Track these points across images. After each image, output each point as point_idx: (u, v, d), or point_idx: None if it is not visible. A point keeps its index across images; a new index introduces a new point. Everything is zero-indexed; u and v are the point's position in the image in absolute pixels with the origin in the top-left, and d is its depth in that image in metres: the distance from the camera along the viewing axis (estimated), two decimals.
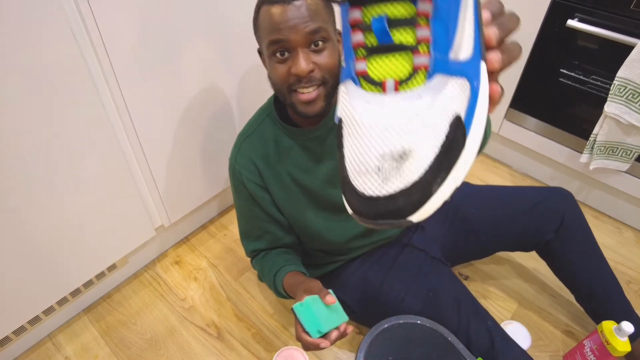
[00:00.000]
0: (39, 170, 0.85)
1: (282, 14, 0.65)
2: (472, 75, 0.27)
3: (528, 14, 1.29)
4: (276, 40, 0.67)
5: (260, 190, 0.86)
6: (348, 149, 0.27)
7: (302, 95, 0.70)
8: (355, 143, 0.27)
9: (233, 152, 0.87)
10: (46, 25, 0.75)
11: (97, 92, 0.88)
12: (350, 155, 0.27)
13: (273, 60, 0.70)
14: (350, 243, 0.94)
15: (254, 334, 1.11)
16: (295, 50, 0.67)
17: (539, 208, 0.97)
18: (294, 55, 0.67)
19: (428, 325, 0.87)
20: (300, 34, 0.65)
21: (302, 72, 0.67)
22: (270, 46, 0.68)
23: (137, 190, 1.07)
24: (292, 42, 0.66)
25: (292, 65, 0.68)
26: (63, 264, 1.01)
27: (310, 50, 0.68)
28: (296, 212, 0.89)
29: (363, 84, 0.28)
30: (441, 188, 0.25)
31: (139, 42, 0.90)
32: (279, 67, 0.70)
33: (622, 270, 1.25)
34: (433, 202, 0.25)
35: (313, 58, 0.68)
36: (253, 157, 0.84)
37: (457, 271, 1.24)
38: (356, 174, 0.26)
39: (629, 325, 0.86)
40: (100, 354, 1.07)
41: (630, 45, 1.10)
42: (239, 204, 0.92)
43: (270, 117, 0.83)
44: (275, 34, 0.66)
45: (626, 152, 1.23)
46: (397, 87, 0.26)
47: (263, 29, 0.69)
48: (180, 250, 1.34)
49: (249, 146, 0.85)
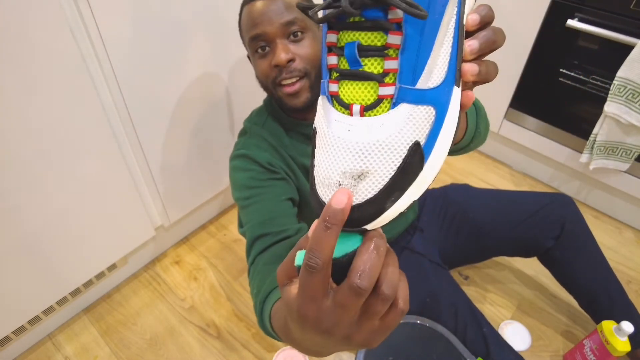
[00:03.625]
0: (38, 170, 0.85)
1: (259, 9, 0.68)
2: (439, 102, 0.28)
3: (528, 13, 1.29)
4: (255, 36, 0.69)
5: (276, 159, 0.79)
6: (317, 160, 0.30)
7: (286, 88, 0.71)
8: (323, 157, 0.29)
9: (237, 145, 0.83)
10: (45, 25, 0.75)
11: (96, 92, 0.88)
12: (318, 167, 0.30)
13: (256, 57, 0.72)
14: None
15: (254, 334, 1.11)
16: (274, 42, 0.69)
17: (539, 214, 0.97)
18: (273, 47, 0.69)
19: (428, 325, 0.87)
20: (276, 25, 0.67)
21: (281, 62, 0.68)
22: (251, 42, 0.70)
23: (136, 190, 1.07)
24: (269, 34, 0.68)
25: (272, 58, 0.69)
26: (63, 264, 1.01)
27: (289, 41, 0.69)
28: (304, 200, 0.85)
29: (335, 103, 0.29)
30: (395, 205, 0.28)
31: (138, 41, 0.90)
32: (261, 63, 0.71)
33: (622, 270, 1.25)
34: (386, 215, 0.28)
35: (292, 49, 0.69)
36: (266, 138, 0.81)
37: (458, 271, 1.24)
38: (320, 184, 0.29)
39: (629, 325, 0.87)
40: (100, 354, 1.07)
41: (630, 45, 1.10)
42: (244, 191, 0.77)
43: (272, 115, 0.83)
44: (254, 29, 0.69)
45: (626, 151, 1.23)
46: (363, 113, 0.28)
47: (244, 28, 0.72)
48: (180, 250, 1.34)
49: (258, 134, 0.82)
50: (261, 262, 0.66)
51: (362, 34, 0.27)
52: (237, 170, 0.79)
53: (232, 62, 1.14)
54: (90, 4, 0.79)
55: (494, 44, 0.31)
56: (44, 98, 0.80)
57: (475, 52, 0.31)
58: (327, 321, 0.28)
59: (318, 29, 0.75)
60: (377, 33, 0.27)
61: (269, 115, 0.84)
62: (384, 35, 0.27)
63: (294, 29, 0.68)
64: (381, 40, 0.27)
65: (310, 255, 0.26)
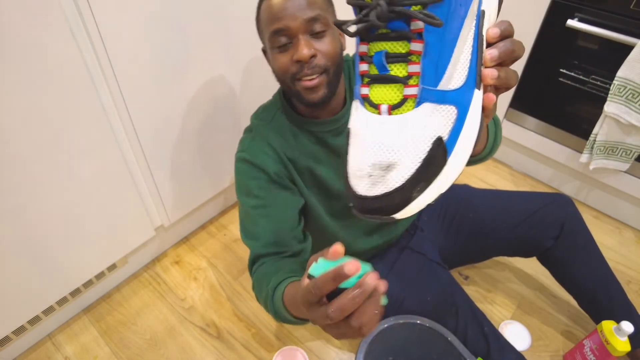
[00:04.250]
0: (38, 170, 0.85)
1: (281, 4, 0.67)
2: (460, 102, 0.32)
3: (528, 13, 1.29)
4: (277, 30, 0.68)
5: (281, 168, 0.81)
6: (350, 156, 0.35)
7: (306, 82, 0.70)
8: (355, 152, 0.34)
9: (243, 144, 0.82)
10: (45, 25, 0.75)
11: (96, 91, 0.88)
12: (350, 161, 0.34)
13: (275, 52, 0.71)
14: (355, 244, 0.94)
15: (254, 333, 1.11)
16: (296, 37, 0.68)
17: (538, 214, 0.97)
18: (295, 43, 0.69)
19: (428, 326, 0.87)
20: (299, 21, 0.67)
21: (304, 57, 0.67)
22: (272, 37, 0.69)
23: (136, 190, 1.07)
24: (292, 29, 0.67)
25: (294, 53, 0.69)
26: (63, 264, 1.01)
27: (310, 37, 0.69)
28: (311, 203, 0.86)
29: (366, 105, 0.34)
30: (422, 195, 0.31)
31: (138, 41, 0.90)
32: (281, 57, 0.70)
33: (622, 270, 1.26)
34: (414, 205, 0.31)
35: (314, 44, 0.69)
36: (271, 143, 0.80)
37: (458, 271, 1.24)
38: (352, 176, 0.33)
39: (629, 325, 0.87)
40: (100, 354, 1.07)
41: (630, 45, 1.10)
42: (250, 198, 0.80)
43: (282, 111, 0.83)
44: (275, 24, 0.68)
45: (626, 151, 1.23)
46: (390, 111, 0.32)
47: (264, 22, 0.71)
48: (180, 250, 1.34)
49: (263, 136, 0.81)
50: (264, 269, 0.75)
51: (388, 44, 0.32)
52: (243, 175, 0.81)
53: (234, 62, 1.14)
54: (89, 3, 0.79)
55: (512, 53, 0.35)
56: (44, 98, 0.80)
57: (495, 60, 0.35)
58: (311, 315, 0.43)
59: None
60: (402, 42, 0.31)
61: (277, 110, 0.83)
62: (407, 44, 0.31)
63: (316, 25, 0.68)
64: (405, 48, 0.31)
65: (312, 290, 0.40)
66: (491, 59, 0.34)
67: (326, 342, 1.08)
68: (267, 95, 0.87)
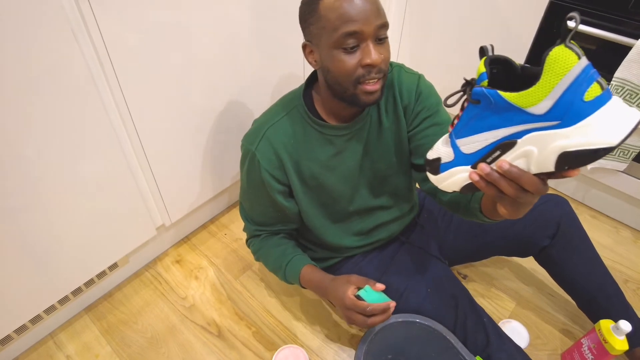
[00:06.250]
0: (40, 170, 0.86)
1: (359, 7, 0.67)
2: (456, 156, 0.54)
3: (527, 14, 1.30)
4: (351, 32, 0.67)
5: (274, 182, 0.86)
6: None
7: (369, 86, 0.72)
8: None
9: (252, 137, 0.84)
10: (47, 26, 0.75)
11: (98, 92, 0.88)
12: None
13: (340, 53, 0.70)
14: (343, 244, 0.99)
15: (255, 332, 1.11)
16: (366, 41, 0.69)
17: (533, 213, 0.97)
18: (364, 47, 0.69)
19: (426, 324, 0.88)
20: (373, 27, 0.68)
21: (377, 62, 0.69)
22: (342, 38, 0.68)
23: (138, 190, 1.08)
24: (365, 33, 0.68)
25: (363, 57, 0.69)
26: (64, 263, 1.01)
27: (376, 43, 0.70)
28: (308, 207, 0.92)
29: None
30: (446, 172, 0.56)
31: (140, 42, 0.90)
32: (347, 59, 0.70)
33: (620, 269, 1.26)
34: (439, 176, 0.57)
35: (380, 50, 0.70)
36: (276, 147, 0.83)
37: (456, 270, 1.25)
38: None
39: (627, 323, 0.87)
40: (102, 352, 1.08)
41: (627, 45, 1.11)
42: (248, 188, 0.92)
43: (298, 110, 0.84)
44: (350, 26, 0.67)
45: (623, 151, 1.24)
46: (449, 130, 0.56)
47: (332, 22, 0.69)
48: (181, 250, 1.35)
49: (273, 135, 0.83)
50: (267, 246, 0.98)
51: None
52: (245, 167, 0.89)
53: (235, 61, 1.14)
54: (91, 4, 0.79)
55: (516, 179, 0.47)
56: (45, 98, 0.81)
57: (500, 167, 0.47)
58: (349, 316, 0.83)
59: None
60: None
61: (294, 108, 0.84)
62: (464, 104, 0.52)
63: (383, 32, 0.70)
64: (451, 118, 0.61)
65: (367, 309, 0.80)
66: (500, 166, 0.47)
67: (326, 342, 1.09)
68: (268, 95, 0.88)
